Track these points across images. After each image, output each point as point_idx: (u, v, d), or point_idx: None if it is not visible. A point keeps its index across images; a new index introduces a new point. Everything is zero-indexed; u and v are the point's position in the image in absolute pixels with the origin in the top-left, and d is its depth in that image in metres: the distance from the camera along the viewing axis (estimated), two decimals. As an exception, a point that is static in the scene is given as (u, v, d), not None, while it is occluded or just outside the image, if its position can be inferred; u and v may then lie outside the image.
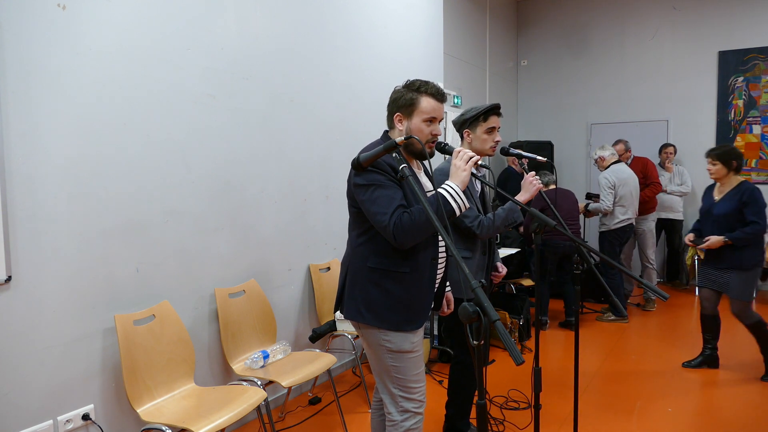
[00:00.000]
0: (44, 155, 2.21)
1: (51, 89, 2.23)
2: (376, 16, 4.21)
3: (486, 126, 2.62)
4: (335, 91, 3.82)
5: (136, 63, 2.54)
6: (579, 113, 7.45)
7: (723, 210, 3.69)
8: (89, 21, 2.35)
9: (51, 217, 2.24)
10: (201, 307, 2.89)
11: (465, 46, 6.38)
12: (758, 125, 6.41)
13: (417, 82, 2.04)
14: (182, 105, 2.77)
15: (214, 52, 2.93)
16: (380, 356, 2.02)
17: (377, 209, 1.89)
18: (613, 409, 3.33)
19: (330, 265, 3.79)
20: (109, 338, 2.44)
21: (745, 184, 3.69)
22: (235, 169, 3.08)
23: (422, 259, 2.00)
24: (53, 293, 2.25)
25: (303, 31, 3.54)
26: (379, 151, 1.82)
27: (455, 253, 1.34)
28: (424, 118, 2.00)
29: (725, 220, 3.67)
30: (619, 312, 5.22)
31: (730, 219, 3.65)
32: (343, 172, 3.80)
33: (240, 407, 2.36)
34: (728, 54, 6.50)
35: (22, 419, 2.16)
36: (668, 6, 6.81)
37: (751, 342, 4.59)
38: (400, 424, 2.03)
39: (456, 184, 1.91)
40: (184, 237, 2.79)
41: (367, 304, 1.98)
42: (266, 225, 3.31)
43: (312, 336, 3.45)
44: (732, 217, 3.65)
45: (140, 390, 2.40)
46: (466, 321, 1.21)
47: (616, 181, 5.14)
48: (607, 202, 5.13)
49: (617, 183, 5.13)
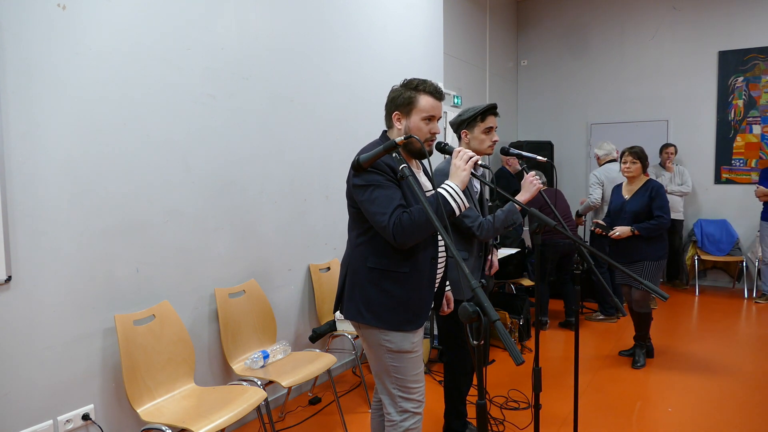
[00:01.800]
0: (44, 155, 2.21)
1: (51, 89, 2.23)
2: (376, 16, 4.21)
3: (484, 126, 2.63)
4: (335, 91, 3.82)
5: (136, 63, 2.54)
6: (579, 113, 7.45)
7: (636, 206, 3.94)
8: (89, 21, 2.35)
9: (51, 216, 2.24)
10: (201, 307, 2.90)
11: (465, 46, 6.38)
12: (758, 125, 6.41)
13: (415, 80, 2.04)
14: (182, 105, 2.77)
15: (214, 52, 2.93)
16: (380, 356, 2.02)
17: (376, 209, 1.89)
18: (613, 409, 3.33)
19: (330, 265, 3.80)
20: (109, 338, 2.44)
21: (652, 182, 4.00)
22: (235, 169, 3.08)
23: (422, 259, 2.00)
24: (53, 293, 2.25)
25: (303, 31, 3.54)
26: (379, 152, 1.81)
27: (455, 254, 1.34)
28: (423, 116, 2.01)
29: (637, 215, 3.93)
30: (608, 312, 5.26)
31: (641, 215, 3.92)
32: (343, 172, 3.80)
33: (240, 407, 2.36)
34: (728, 54, 6.50)
35: (22, 419, 2.16)
36: (668, 6, 6.81)
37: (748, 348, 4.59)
38: (399, 424, 2.03)
39: (456, 184, 1.91)
40: (184, 237, 2.79)
41: (366, 304, 1.98)
42: (266, 225, 3.31)
43: (312, 336, 3.45)
44: (643, 213, 3.92)
45: (140, 390, 2.41)
46: (466, 321, 1.20)
47: (604, 179, 5.32)
48: (595, 196, 5.32)
49: (605, 181, 5.30)
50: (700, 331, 4.88)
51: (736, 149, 6.51)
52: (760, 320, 5.25)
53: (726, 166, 6.58)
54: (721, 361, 4.06)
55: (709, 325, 5.10)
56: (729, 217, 6.52)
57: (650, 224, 3.86)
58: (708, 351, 4.33)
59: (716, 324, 5.12)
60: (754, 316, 5.39)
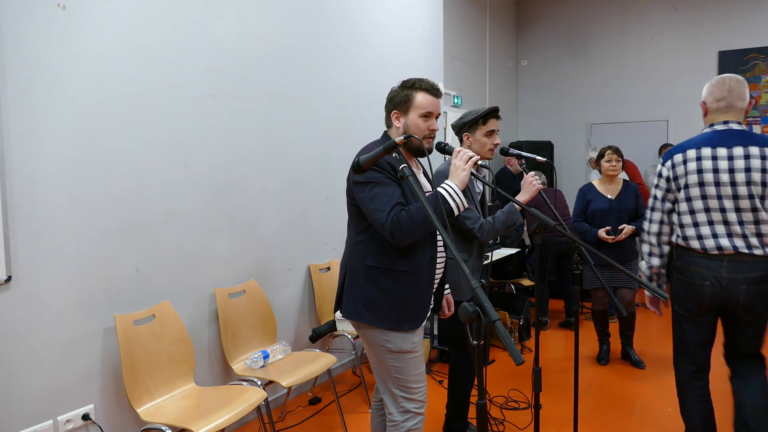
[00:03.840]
0: (44, 155, 2.21)
1: (51, 89, 2.23)
2: (376, 16, 4.21)
3: (485, 129, 2.63)
4: (335, 91, 3.82)
5: (136, 63, 2.55)
6: (579, 113, 7.45)
7: (630, 205, 3.98)
8: (89, 21, 2.35)
9: (51, 217, 2.24)
10: (201, 307, 2.90)
11: (465, 46, 6.38)
12: (758, 125, 6.41)
13: (411, 79, 2.06)
14: (182, 105, 2.77)
15: (214, 52, 2.93)
16: (381, 356, 2.02)
17: (375, 206, 1.89)
18: (613, 409, 3.33)
19: (330, 265, 3.80)
20: (109, 338, 2.44)
21: (629, 182, 4.08)
22: (235, 169, 3.08)
23: (420, 258, 2.00)
24: (53, 293, 2.25)
25: (303, 31, 3.54)
26: (379, 152, 1.81)
27: (455, 253, 1.33)
28: (420, 113, 2.02)
29: (629, 214, 3.97)
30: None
31: (632, 213, 3.98)
32: (343, 172, 3.80)
33: (240, 407, 2.36)
34: (728, 54, 6.50)
35: (22, 419, 2.16)
36: (668, 6, 6.81)
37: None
38: (401, 424, 2.03)
39: (455, 184, 1.92)
40: (184, 237, 2.79)
41: (365, 302, 1.98)
42: (266, 225, 3.31)
43: (312, 336, 3.45)
44: (634, 212, 3.98)
45: (140, 390, 2.41)
46: (466, 321, 1.20)
47: None
48: None
49: None
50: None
51: (736, 149, 6.50)
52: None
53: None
54: (721, 360, 4.05)
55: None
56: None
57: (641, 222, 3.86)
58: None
59: (716, 324, 5.12)
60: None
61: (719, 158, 2.25)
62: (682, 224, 2.37)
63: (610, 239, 3.88)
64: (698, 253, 2.33)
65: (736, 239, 2.24)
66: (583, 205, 4.10)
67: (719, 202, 2.26)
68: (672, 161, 2.38)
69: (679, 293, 2.44)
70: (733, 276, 2.25)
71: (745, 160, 2.22)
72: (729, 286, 2.26)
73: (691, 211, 2.33)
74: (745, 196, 2.21)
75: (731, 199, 2.24)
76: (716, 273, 2.28)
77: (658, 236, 2.50)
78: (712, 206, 2.27)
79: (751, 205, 2.21)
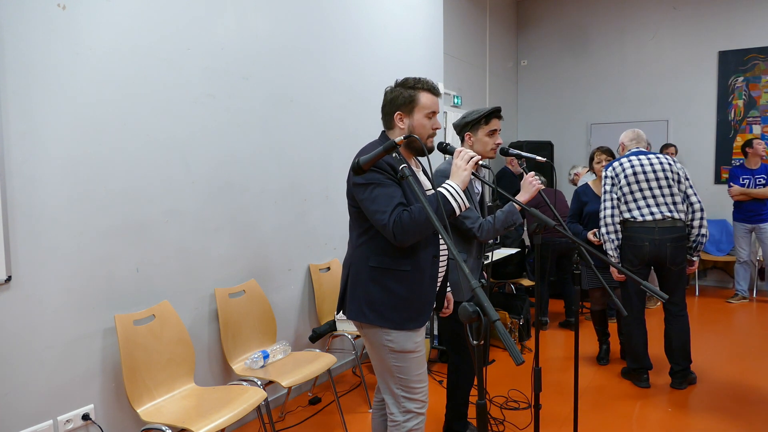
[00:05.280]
0: (44, 155, 2.21)
1: (51, 89, 2.23)
2: (376, 16, 4.21)
3: (488, 129, 2.63)
4: (335, 91, 3.82)
5: (136, 63, 2.54)
6: (579, 113, 7.45)
7: None
8: (89, 21, 2.35)
9: (51, 216, 2.24)
10: (201, 307, 2.89)
11: (465, 46, 6.38)
12: (758, 125, 6.41)
13: (410, 79, 2.05)
14: (182, 105, 2.77)
15: (214, 52, 2.93)
16: (383, 356, 2.02)
17: (376, 207, 1.89)
18: (613, 409, 3.33)
19: (330, 265, 3.79)
20: (109, 338, 2.44)
21: None
22: (235, 169, 3.08)
23: (423, 257, 2.00)
24: (53, 293, 2.25)
25: (303, 31, 3.54)
26: (379, 153, 1.81)
27: (455, 254, 1.33)
28: (426, 113, 2.03)
29: None
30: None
31: None
32: (343, 172, 3.80)
33: (240, 407, 2.35)
34: (728, 54, 6.50)
35: (22, 419, 2.16)
36: (668, 6, 6.81)
37: (748, 348, 4.59)
38: (403, 424, 2.03)
39: (456, 184, 1.92)
40: (184, 237, 2.79)
41: (369, 303, 1.98)
42: (266, 225, 3.31)
43: (312, 336, 3.45)
44: None
45: (140, 390, 2.40)
46: (466, 321, 1.20)
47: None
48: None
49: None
50: (700, 331, 4.88)
51: (736, 149, 6.51)
52: (760, 320, 5.25)
53: (726, 166, 6.58)
54: (721, 360, 4.06)
55: (709, 325, 5.10)
56: (729, 217, 6.51)
57: None
58: (708, 351, 4.33)
59: (716, 324, 5.13)
60: (754, 316, 5.39)
61: (643, 163, 3.46)
62: (627, 204, 3.45)
63: (596, 241, 3.78)
64: (638, 222, 3.40)
65: (661, 208, 3.38)
66: (579, 207, 4.08)
67: (648, 185, 3.41)
68: (614, 168, 3.54)
69: (627, 254, 3.46)
70: (662, 237, 3.35)
71: (658, 162, 3.45)
72: (660, 244, 3.35)
73: (632, 194, 3.44)
74: (663, 179, 3.40)
75: (655, 182, 3.41)
76: (651, 236, 3.37)
77: (613, 217, 3.47)
78: (644, 189, 3.42)
79: (668, 185, 3.40)
